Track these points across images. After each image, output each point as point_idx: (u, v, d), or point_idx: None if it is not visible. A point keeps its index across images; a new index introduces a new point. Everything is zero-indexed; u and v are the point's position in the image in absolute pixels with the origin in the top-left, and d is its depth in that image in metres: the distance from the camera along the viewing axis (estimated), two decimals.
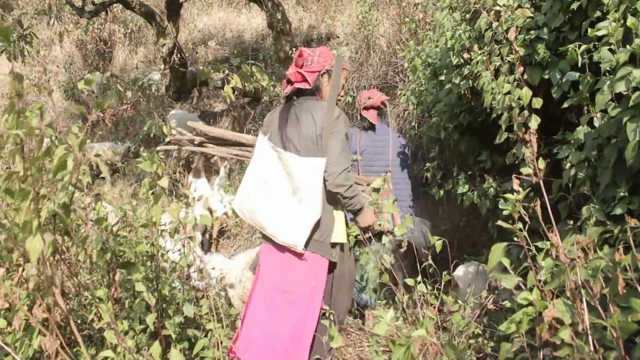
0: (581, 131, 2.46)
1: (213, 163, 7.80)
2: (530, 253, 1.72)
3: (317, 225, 2.60)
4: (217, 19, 10.77)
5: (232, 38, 10.26)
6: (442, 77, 3.56)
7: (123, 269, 2.41)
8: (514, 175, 1.74)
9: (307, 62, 2.70)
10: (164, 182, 2.40)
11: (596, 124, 2.38)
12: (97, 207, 2.76)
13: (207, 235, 7.01)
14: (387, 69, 6.61)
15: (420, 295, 2.67)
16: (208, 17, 10.92)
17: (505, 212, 1.70)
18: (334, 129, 2.58)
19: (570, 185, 2.59)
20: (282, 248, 2.68)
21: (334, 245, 2.71)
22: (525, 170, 1.76)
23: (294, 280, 2.67)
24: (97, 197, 2.84)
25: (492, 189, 3.28)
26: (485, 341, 2.71)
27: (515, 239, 1.69)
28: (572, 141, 2.54)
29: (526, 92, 2.58)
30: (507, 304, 2.51)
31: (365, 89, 6.54)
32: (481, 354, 2.79)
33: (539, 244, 1.73)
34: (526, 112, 2.63)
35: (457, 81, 3.14)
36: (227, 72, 7.29)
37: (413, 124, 5.48)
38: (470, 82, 3.07)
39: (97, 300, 2.13)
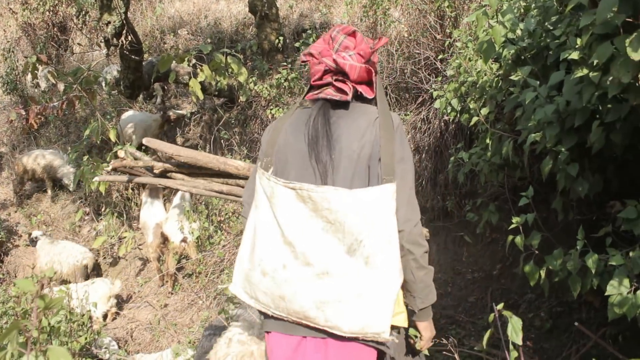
0: None
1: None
2: None
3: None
4: (192, 4, 9.05)
5: (207, 27, 8.54)
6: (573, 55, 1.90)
7: None
8: None
9: (345, 47, 1.79)
10: None
11: None
12: None
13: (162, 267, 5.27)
14: (404, 62, 4.97)
15: None
16: (181, 3, 9.19)
17: None
18: (398, 143, 1.68)
19: None
20: (314, 337, 1.71)
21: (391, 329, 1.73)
22: None
23: None
24: None
25: None
26: None
27: None
28: None
29: None
30: None
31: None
32: None
33: None
34: None
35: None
36: (195, 62, 5.50)
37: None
38: None
39: None
